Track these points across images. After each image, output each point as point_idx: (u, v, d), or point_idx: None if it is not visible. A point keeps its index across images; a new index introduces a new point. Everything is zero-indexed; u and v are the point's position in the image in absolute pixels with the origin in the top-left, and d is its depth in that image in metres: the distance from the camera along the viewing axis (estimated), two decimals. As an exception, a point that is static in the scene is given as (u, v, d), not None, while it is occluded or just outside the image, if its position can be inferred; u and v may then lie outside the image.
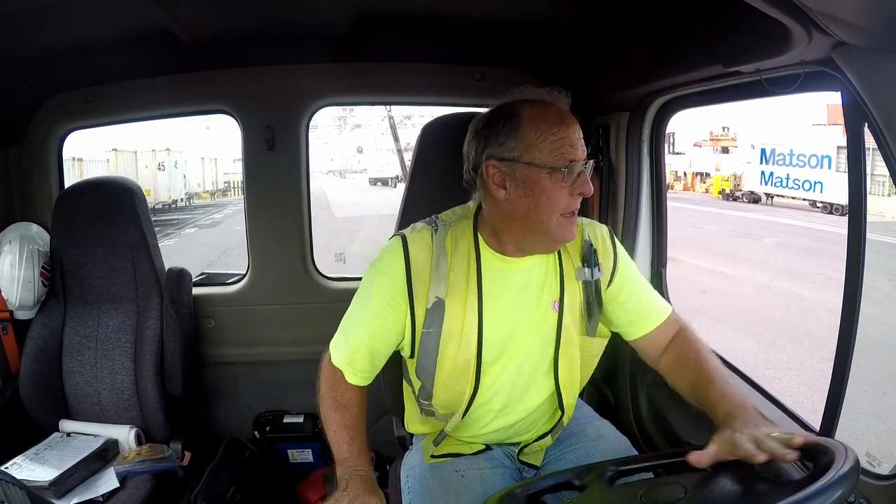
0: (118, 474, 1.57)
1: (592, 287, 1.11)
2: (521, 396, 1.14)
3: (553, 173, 0.99)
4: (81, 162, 13.80)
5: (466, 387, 1.11)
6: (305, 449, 2.08)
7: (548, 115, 1.02)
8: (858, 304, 1.07)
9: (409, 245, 1.08)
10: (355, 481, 1.00)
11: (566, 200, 1.01)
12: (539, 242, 1.06)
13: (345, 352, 1.12)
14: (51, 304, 1.80)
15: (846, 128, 1.01)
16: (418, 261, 1.07)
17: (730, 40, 1.13)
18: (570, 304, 1.10)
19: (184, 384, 1.80)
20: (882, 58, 0.87)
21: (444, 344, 1.07)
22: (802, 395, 4.21)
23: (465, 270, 1.06)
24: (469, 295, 1.06)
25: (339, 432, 1.07)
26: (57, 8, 1.38)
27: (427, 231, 1.10)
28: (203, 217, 15.38)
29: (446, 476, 1.14)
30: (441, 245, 1.07)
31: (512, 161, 1.01)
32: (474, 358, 1.08)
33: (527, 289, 1.09)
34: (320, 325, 2.13)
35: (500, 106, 1.06)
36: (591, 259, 1.10)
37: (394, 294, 1.08)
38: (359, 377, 1.12)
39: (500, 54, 1.95)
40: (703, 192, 17.81)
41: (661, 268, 1.83)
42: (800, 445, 0.79)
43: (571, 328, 1.11)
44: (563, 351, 1.11)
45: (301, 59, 1.94)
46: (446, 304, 1.06)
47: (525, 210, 1.02)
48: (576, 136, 1.02)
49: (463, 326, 1.06)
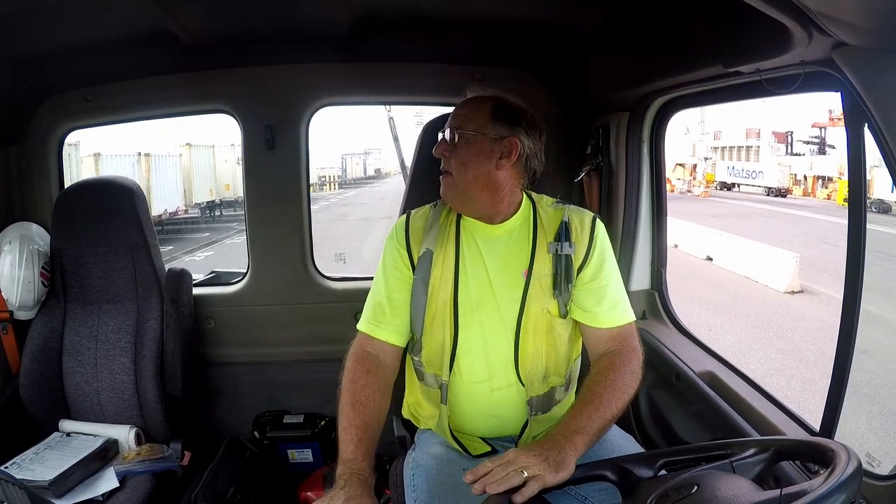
0: (118, 474, 1.57)
1: (563, 261, 1.19)
2: (497, 366, 1.20)
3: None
4: (149, 157, 13.60)
5: (445, 335, 1.20)
6: (305, 449, 2.08)
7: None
8: (858, 305, 1.07)
9: (412, 214, 1.30)
10: (354, 482, 1.00)
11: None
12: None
13: (368, 311, 1.25)
14: (51, 305, 1.80)
15: (846, 128, 1.01)
16: (416, 224, 1.27)
17: (730, 40, 1.13)
18: (538, 274, 1.20)
19: (184, 384, 1.80)
20: (882, 58, 0.87)
21: (431, 290, 1.21)
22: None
23: (449, 227, 1.25)
24: (448, 244, 1.23)
25: (349, 430, 1.09)
26: (57, 8, 1.38)
27: (428, 207, 1.31)
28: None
29: (453, 474, 1.15)
30: (437, 214, 1.27)
31: None
32: (450, 301, 1.20)
33: (496, 252, 1.22)
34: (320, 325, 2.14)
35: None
36: (562, 234, 1.20)
37: (398, 248, 1.26)
38: (381, 329, 1.22)
39: (500, 54, 1.95)
40: (825, 198, 16.41)
41: (661, 268, 1.83)
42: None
43: (539, 298, 1.19)
44: (527, 319, 1.18)
45: (301, 59, 1.94)
46: (434, 253, 1.22)
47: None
48: (459, 111, 1.22)
49: (443, 273, 1.21)
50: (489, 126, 1.17)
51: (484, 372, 1.20)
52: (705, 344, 1.64)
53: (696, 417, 1.45)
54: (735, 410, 1.31)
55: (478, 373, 1.20)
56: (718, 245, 10.52)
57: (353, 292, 2.05)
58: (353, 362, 1.19)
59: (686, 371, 1.49)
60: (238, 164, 11.88)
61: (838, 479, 0.70)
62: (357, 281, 2.15)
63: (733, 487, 0.82)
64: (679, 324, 1.77)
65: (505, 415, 1.22)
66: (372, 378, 1.16)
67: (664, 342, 1.64)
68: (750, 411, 1.29)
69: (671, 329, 1.76)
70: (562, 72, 1.94)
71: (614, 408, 1.08)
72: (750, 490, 0.81)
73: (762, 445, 0.89)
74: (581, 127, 1.98)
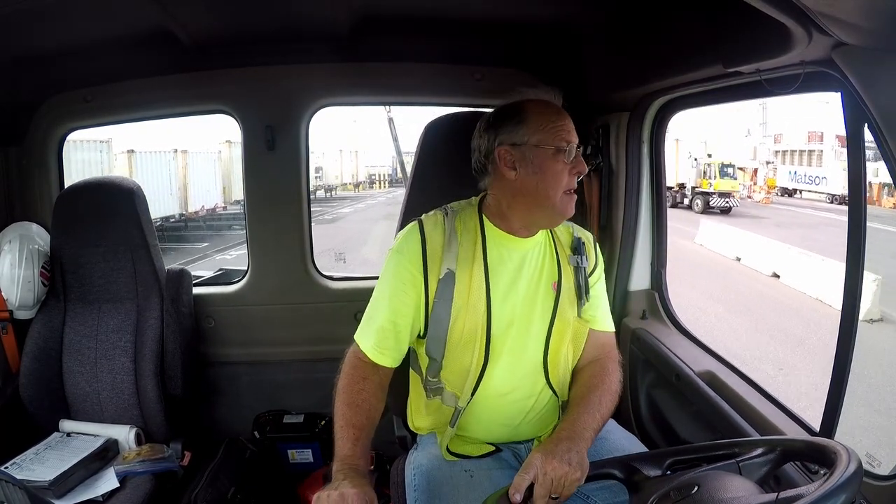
0: (118, 474, 1.57)
1: (583, 273, 1.24)
2: (525, 377, 1.19)
3: (557, 153, 1.14)
4: (186, 154, 13.39)
5: (474, 358, 1.15)
6: (305, 449, 2.08)
7: (548, 108, 1.19)
8: (858, 305, 1.08)
9: (425, 225, 1.19)
10: (352, 477, 0.99)
11: (567, 178, 1.15)
12: (545, 217, 1.18)
13: (371, 333, 1.18)
14: (51, 304, 1.80)
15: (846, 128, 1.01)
16: (433, 238, 1.18)
17: (730, 40, 1.13)
18: (566, 286, 1.22)
19: (184, 384, 1.80)
20: (882, 58, 0.87)
21: (455, 313, 1.15)
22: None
23: (472, 244, 1.18)
24: (475, 265, 1.16)
25: (346, 429, 1.08)
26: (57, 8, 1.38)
27: (440, 215, 1.22)
28: (331, 210, 14.55)
29: (455, 475, 1.15)
30: (452, 225, 1.19)
31: (522, 145, 1.15)
32: (483, 326, 1.15)
33: (527, 267, 1.20)
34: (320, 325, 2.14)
35: (506, 104, 1.20)
36: (580, 249, 1.25)
37: (411, 269, 1.16)
38: (385, 357, 1.17)
39: (499, 54, 1.95)
40: (892, 206, 15.05)
41: (660, 268, 1.83)
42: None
43: (567, 309, 1.21)
44: (556, 328, 1.20)
45: (301, 59, 1.94)
46: (456, 274, 1.15)
47: (534, 186, 1.15)
48: (570, 125, 1.18)
49: (470, 295, 1.15)
50: None
51: (508, 385, 1.18)
52: (705, 344, 1.64)
53: (696, 417, 1.45)
54: (735, 410, 1.31)
55: (502, 387, 1.18)
56: (786, 261, 9.59)
57: (354, 292, 2.05)
58: (350, 368, 1.16)
59: (686, 371, 1.49)
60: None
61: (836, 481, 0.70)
62: (357, 281, 2.15)
63: (733, 489, 0.82)
64: (679, 324, 1.77)
65: (521, 422, 1.21)
66: (369, 384, 1.14)
67: (664, 342, 1.64)
68: (750, 411, 1.29)
69: (671, 329, 1.76)
70: (561, 72, 1.94)
71: (606, 410, 1.14)
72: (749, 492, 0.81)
73: (769, 445, 0.89)
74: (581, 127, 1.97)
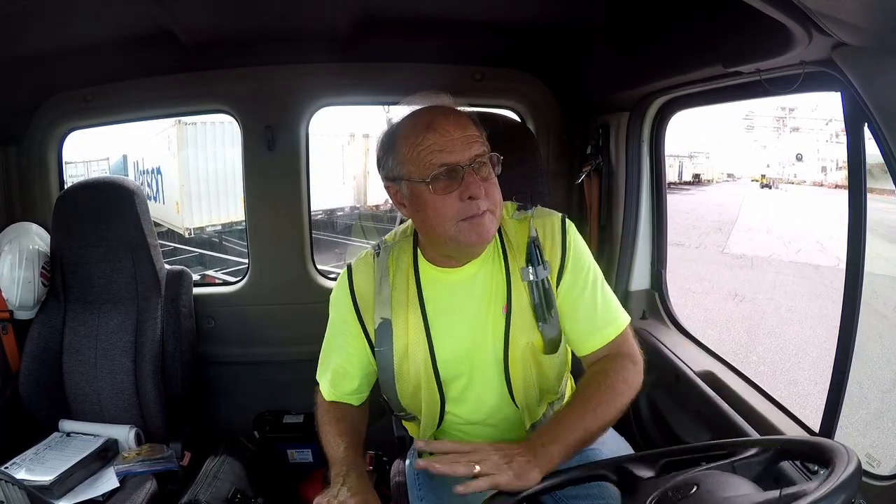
0: (118, 474, 1.57)
1: (540, 287, 1.04)
2: (493, 407, 1.11)
3: (433, 183, 0.94)
4: (367, 138, 12.20)
5: (429, 398, 1.10)
6: (305, 449, 2.08)
7: (417, 124, 0.97)
8: (858, 305, 1.07)
9: (354, 273, 1.11)
10: (352, 477, 0.98)
11: (457, 207, 0.95)
12: (455, 250, 1.02)
13: (328, 380, 1.15)
14: (51, 304, 1.80)
15: (846, 128, 1.01)
16: (361, 286, 1.09)
17: (730, 40, 1.13)
18: (518, 307, 1.04)
19: (184, 384, 1.80)
20: (882, 58, 0.87)
21: (398, 359, 1.07)
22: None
23: (405, 286, 1.06)
24: (410, 309, 1.05)
25: (335, 440, 1.07)
26: (57, 8, 1.38)
27: (370, 256, 1.11)
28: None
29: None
30: (383, 267, 1.08)
31: (396, 180, 1.00)
32: (428, 368, 1.06)
33: (472, 298, 1.05)
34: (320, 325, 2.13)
35: (388, 126, 1.03)
36: (534, 256, 1.04)
37: (347, 319, 1.11)
38: (352, 398, 1.15)
39: (499, 54, 1.95)
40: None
41: (661, 268, 1.83)
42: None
43: (521, 334, 1.04)
44: (513, 357, 1.05)
45: (301, 60, 1.94)
46: (392, 321, 1.06)
47: (422, 224, 1.01)
48: (448, 137, 0.95)
49: (409, 340, 1.05)
50: (484, 138, 1.00)
51: (476, 415, 1.12)
52: (705, 344, 1.64)
53: (695, 417, 1.45)
54: (735, 410, 1.31)
55: (470, 416, 1.13)
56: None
57: None
58: (323, 411, 1.14)
59: (686, 371, 1.49)
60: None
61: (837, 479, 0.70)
62: None
63: (733, 487, 0.81)
64: (679, 324, 1.77)
65: (506, 437, 1.16)
66: (346, 412, 1.14)
67: (664, 342, 1.64)
68: (750, 411, 1.29)
69: (671, 329, 1.76)
70: (561, 72, 1.94)
71: (602, 416, 0.98)
72: (749, 490, 0.81)
73: (763, 445, 0.88)
74: (581, 127, 1.98)
